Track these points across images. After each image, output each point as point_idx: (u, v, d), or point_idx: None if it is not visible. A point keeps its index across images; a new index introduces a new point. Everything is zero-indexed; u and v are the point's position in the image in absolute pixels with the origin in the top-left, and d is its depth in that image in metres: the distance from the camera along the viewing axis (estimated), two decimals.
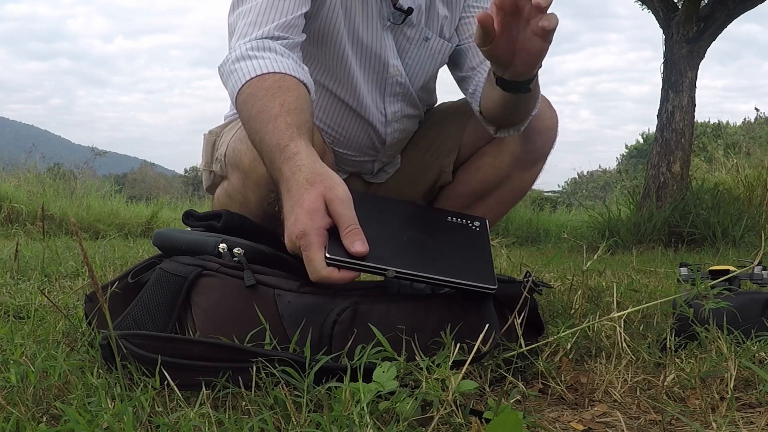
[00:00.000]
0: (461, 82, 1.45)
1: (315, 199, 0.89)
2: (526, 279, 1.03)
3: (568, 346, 1.00)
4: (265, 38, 1.15)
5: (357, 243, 0.87)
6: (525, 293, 0.98)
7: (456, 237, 1.02)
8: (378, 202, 1.09)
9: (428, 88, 1.51)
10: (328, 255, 0.86)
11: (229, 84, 1.14)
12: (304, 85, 1.12)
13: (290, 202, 0.92)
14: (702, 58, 5.24)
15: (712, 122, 19.94)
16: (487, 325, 0.88)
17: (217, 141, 1.43)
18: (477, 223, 1.06)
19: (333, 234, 0.89)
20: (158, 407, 0.73)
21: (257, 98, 1.06)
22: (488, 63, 1.34)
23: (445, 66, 1.50)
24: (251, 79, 1.09)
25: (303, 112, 1.04)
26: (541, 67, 1.11)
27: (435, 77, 1.52)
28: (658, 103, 5.37)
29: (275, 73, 1.09)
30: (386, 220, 1.00)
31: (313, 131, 1.07)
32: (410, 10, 1.34)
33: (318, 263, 0.86)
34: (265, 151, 1.02)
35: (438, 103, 1.62)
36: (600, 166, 26.87)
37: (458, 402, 0.72)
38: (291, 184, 0.93)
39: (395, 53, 1.39)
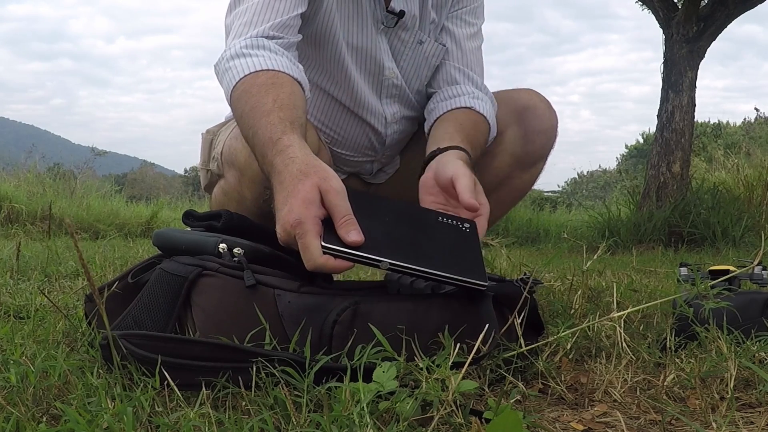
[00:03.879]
0: (427, 95, 1.48)
1: (310, 189, 0.89)
2: (525, 278, 1.03)
3: (568, 346, 1.00)
4: (260, 37, 1.16)
5: (352, 233, 0.88)
6: (525, 293, 0.98)
7: (447, 235, 1.03)
8: (370, 199, 1.10)
9: (423, 92, 1.51)
10: (323, 243, 0.86)
11: (224, 82, 1.15)
12: (298, 82, 1.12)
13: (283, 193, 0.92)
14: (702, 58, 5.24)
15: (712, 122, 19.95)
16: (486, 326, 0.88)
17: (214, 140, 1.43)
18: (467, 225, 1.06)
19: (327, 225, 0.89)
20: (158, 407, 0.73)
21: (251, 95, 1.07)
22: (452, 89, 1.40)
23: None
24: (245, 76, 1.10)
25: (296, 108, 1.04)
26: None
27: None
28: (658, 103, 5.38)
29: (269, 70, 1.09)
30: (379, 217, 1.00)
31: (306, 127, 1.08)
32: (402, 13, 1.34)
33: (314, 251, 0.86)
34: (257, 146, 1.02)
35: None
36: (600, 166, 26.87)
37: (458, 402, 0.72)
38: (284, 176, 0.93)
39: (390, 56, 1.39)
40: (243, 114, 1.07)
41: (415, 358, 0.81)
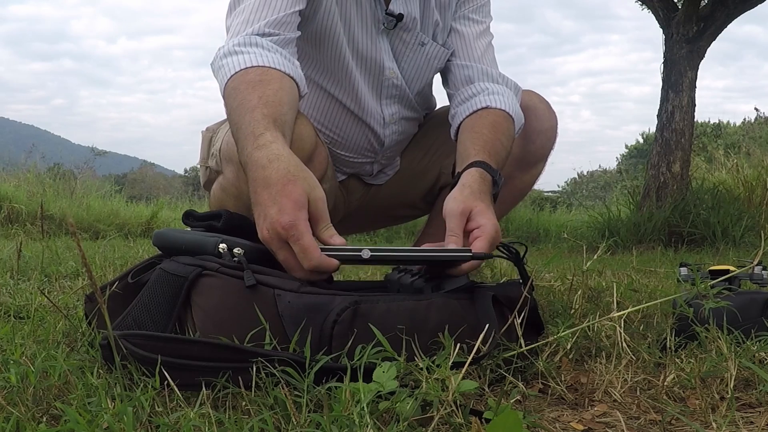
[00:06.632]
0: (448, 96, 1.47)
1: (302, 194, 0.93)
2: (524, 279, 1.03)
3: (568, 346, 1.00)
4: (255, 35, 1.17)
5: (335, 236, 0.95)
6: (525, 293, 0.98)
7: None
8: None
9: (424, 93, 1.51)
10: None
11: (218, 79, 1.17)
12: (291, 78, 1.13)
13: (271, 189, 0.93)
14: (702, 58, 5.23)
15: (712, 122, 19.92)
16: (486, 325, 0.88)
17: (213, 137, 1.44)
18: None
19: None
20: (158, 407, 0.73)
21: (239, 91, 1.08)
22: (467, 89, 1.37)
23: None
24: (235, 73, 1.11)
25: (281, 105, 1.06)
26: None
27: (431, 83, 1.52)
28: (658, 103, 5.37)
29: (259, 66, 1.11)
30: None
31: (293, 124, 1.10)
32: (401, 16, 1.34)
33: (315, 250, 0.91)
34: (239, 139, 1.04)
35: (438, 107, 1.62)
36: (600, 166, 26.82)
37: (458, 402, 0.72)
38: (269, 171, 0.95)
39: (391, 56, 1.39)
40: (231, 110, 1.09)
41: (415, 358, 0.81)
